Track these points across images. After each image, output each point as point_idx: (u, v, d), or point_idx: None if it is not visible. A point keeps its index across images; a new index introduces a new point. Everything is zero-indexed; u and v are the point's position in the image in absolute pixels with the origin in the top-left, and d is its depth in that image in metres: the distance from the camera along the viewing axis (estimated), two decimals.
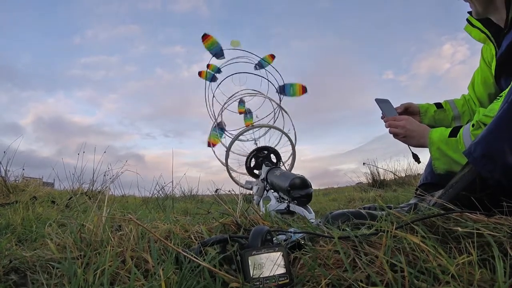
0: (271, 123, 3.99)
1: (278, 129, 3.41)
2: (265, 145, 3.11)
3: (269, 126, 3.56)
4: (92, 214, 1.08)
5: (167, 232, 1.04)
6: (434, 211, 0.90)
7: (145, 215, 1.63)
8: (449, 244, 0.76)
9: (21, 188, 2.94)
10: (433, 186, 1.57)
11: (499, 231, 0.75)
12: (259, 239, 0.78)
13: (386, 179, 5.01)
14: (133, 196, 3.42)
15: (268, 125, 3.61)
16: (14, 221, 1.64)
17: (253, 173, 3.05)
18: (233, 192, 2.03)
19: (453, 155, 1.25)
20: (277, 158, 2.98)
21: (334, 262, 0.77)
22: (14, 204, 2.09)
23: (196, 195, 4.57)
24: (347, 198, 3.63)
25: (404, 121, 1.49)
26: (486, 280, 0.62)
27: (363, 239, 0.80)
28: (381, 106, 1.64)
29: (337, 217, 1.19)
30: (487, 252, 0.71)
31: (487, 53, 1.58)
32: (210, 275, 0.72)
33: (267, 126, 3.57)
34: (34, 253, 0.95)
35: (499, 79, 1.44)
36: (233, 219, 1.10)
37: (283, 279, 0.71)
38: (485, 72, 1.60)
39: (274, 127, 3.47)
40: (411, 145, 1.49)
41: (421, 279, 0.64)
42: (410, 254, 0.72)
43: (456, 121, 1.72)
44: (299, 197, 1.75)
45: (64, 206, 2.35)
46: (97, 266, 0.77)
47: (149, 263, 0.82)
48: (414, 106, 1.75)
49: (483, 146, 0.99)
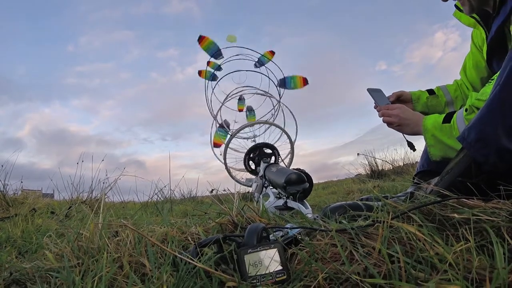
0: (271, 120, 3.98)
1: (276, 126, 3.40)
2: (263, 142, 3.10)
3: (268, 123, 3.55)
4: (88, 222, 1.07)
5: (164, 235, 1.03)
6: (430, 199, 0.89)
7: (143, 220, 1.62)
8: (446, 231, 0.76)
9: (20, 200, 2.92)
10: (430, 174, 1.57)
11: (497, 215, 0.74)
12: (255, 236, 0.77)
13: (385, 169, 5.02)
14: (133, 201, 3.42)
15: (266, 122, 3.60)
16: (14, 234, 1.64)
17: (252, 170, 3.05)
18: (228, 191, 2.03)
19: (448, 141, 1.25)
20: (275, 154, 2.97)
21: (331, 255, 0.76)
22: (14, 217, 2.09)
23: (196, 196, 4.57)
24: (346, 190, 3.63)
25: (397, 110, 1.48)
26: (484, 266, 0.61)
27: (359, 231, 0.80)
28: (374, 96, 1.64)
29: (334, 210, 1.19)
30: (485, 237, 0.70)
31: (477, 38, 1.57)
32: (206, 275, 0.71)
33: (266, 123, 3.56)
34: (34, 264, 0.96)
35: (491, 63, 1.44)
36: (229, 218, 1.10)
37: (280, 276, 0.71)
38: (476, 56, 1.60)
39: (273, 124, 3.46)
40: (405, 133, 1.49)
41: (418, 268, 0.64)
42: (407, 243, 0.72)
43: (449, 106, 1.72)
44: (295, 192, 1.74)
45: (63, 216, 2.34)
46: (95, 273, 0.77)
47: (146, 267, 0.82)
48: (406, 94, 1.75)
49: (477, 131, 0.99)
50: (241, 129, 3.39)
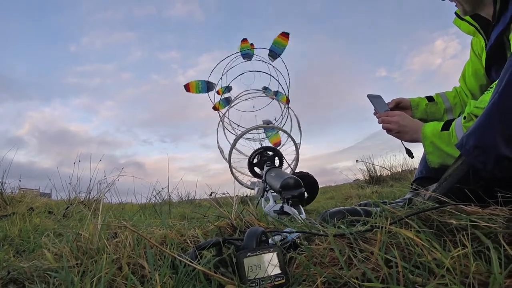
0: (278, 125, 4.02)
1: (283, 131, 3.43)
2: (268, 146, 3.11)
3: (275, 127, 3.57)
4: (87, 223, 1.08)
5: (163, 237, 1.04)
6: (428, 205, 0.90)
7: (141, 221, 1.62)
8: (444, 237, 0.76)
9: (18, 199, 2.91)
10: (428, 180, 1.57)
11: (494, 222, 0.75)
12: (254, 240, 0.78)
13: (383, 175, 5.02)
14: (131, 203, 3.41)
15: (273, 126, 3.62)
16: (12, 233, 1.63)
17: (256, 173, 3.05)
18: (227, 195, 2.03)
19: (446, 149, 1.26)
20: (279, 159, 2.97)
21: (329, 260, 0.77)
22: (11, 216, 2.08)
23: (194, 199, 4.56)
24: (344, 195, 3.62)
25: (397, 117, 1.49)
26: (481, 272, 0.62)
27: (358, 236, 0.80)
28: (373, 102, 1.65)
29: (333, 215, 1.19)
30: (483, 243, 0.71)
31: (477, 45, 1.59)
32: (205, 278, 0.72)
33: (273, 127, 3.59)
34: (32, 264, 0.95)
35: (490, 71, 1.45)
36: (228, 222, 1.10)
37: (279, 279, 0.71)
38: (475, 64, 1.61)
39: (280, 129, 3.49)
40: (404, 140, 1.49)
41: (416, 273, 0.64)
42: (405, 249, 0.72)
43: (448, 113, 1.73)
44: (291, 197, 1.75)
45: (61, 216, 2.33)
46: (94, 274, 0.77)
47: (145, 269, 0.82)
48: (406, 101, 1.76)
49: (475, 138, 1.00)
50: (248, 131, 3.40)
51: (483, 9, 1.38)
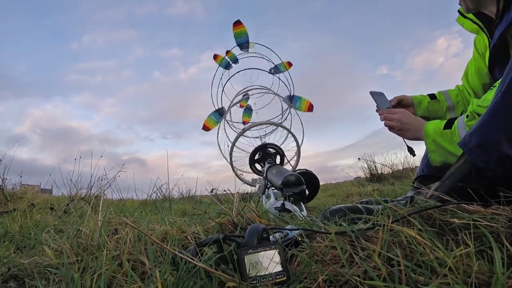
0: (278, 122, 4.02)
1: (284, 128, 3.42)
2: (269, 142, 3.10)
3: (276, 124, 3.57)
4: (88, 219, 1.07)
5: (164, 233, 1.03)
6: (430, 204, 0.90)
7: (142, 218, 1.62)
8: (446, 236, 0.76)
9: (19, 195, 2.91)
10: (430, 179, 1.57)
11: (496, 221, 0.74)
12: (255, 237, 0.77)
13: (384, 173, 5.02)
14: (131, 199, 3.41)
15: (275, 123, 3.62)
16: (13, 229, 1.63)
17: (257, 170, 3.04)
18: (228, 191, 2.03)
19: (449, 147, 1.25)
20: (280, 156, 2.97)
21: (331, 258, 0.76)
22: (12, 212, 2.08)
23: (195, 196, 4.57)
24: (345, 193, 3.62)
25: (399, 114, 1.48)
26: (484, 271, 0.61)
27: (359, 234, 0.80)
28: (376, 99, 1.64)
29: (334, 213, 1.19)
30: (485, 243, 0.70)
31: (480, 44, 1.58)
32: (206, 275, 0.71)
33: (275, 124, 3.58)
34: (32, 260, 0.95)
35: (493, 69, 1.44)
36: (229, 219, 1.10)
37: (280, 277, 0.71)
38: (478, 62, 1.60)
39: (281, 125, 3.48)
40: (406, 138, 1.49)
41: (418, 272, 0.64)
42: (407, 247, 0.72)
43: (450, 111, 1.72)
44: (292, 194, 1.74)
45: (62, 212, 2.34)
46: (94, 270, 0.77)
47: (146, 266, 0.82)
48: (408, 98, 1.75)
49: (478, 137, 0.99)
50: (249, 128, 3.40)
51: (487, 7, 1.37)
